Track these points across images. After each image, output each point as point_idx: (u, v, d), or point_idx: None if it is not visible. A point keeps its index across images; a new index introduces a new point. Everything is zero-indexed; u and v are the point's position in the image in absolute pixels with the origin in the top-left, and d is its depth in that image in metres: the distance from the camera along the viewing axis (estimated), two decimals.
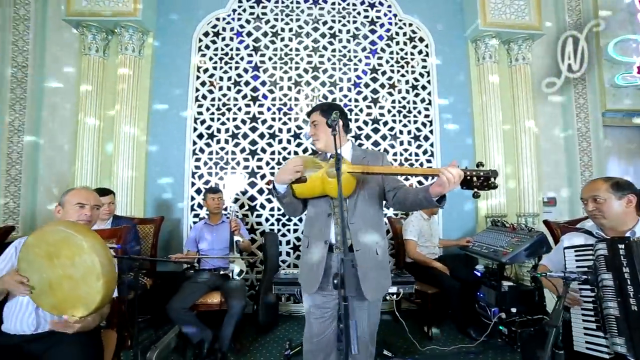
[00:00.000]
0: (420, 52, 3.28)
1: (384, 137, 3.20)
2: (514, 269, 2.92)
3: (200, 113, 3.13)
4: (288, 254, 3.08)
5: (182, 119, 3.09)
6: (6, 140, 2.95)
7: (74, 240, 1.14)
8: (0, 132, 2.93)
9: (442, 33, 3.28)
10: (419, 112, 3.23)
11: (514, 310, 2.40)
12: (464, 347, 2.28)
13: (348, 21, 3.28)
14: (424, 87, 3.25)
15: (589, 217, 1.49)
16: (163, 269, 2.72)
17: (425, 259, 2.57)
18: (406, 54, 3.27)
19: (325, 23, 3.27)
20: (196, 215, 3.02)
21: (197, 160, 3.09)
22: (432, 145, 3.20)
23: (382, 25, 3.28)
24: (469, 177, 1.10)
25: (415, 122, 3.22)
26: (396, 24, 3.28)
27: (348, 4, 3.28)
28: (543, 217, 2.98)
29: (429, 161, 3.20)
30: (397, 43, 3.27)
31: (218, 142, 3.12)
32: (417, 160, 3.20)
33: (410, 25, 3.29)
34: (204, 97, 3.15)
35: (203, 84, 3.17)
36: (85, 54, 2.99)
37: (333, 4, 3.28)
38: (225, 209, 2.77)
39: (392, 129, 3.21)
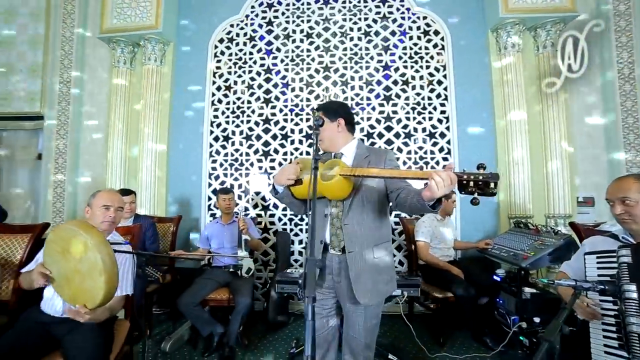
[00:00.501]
0: (435, 46, 3.14)
1: (397, 135, 3.11)
2: (541, 275, 2.69)
3: (216, 117, 3.27)
4: (300, 253, 3.11)
5: (200, 122, 3.26)
6: (53, 148, 3.31)
7: (80, 238, 1.25)
8: (47, 140, 3.30)
9: (459, 24, 3.12)
10: (435, 109, 3.10)
11: (537, 320, 2.21)
12: (478, 356, 2.15)
13: (359, 19, 3.23)
14: (439, 82, 3.11)
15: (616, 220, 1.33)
16: (181, 265, 2.88)
17: (438, 261, 2.46)
18: (420, 48, 3.15)
19: (335, 22, 3.25)
20: (213, 215, 3.16)
21: (214, 162, 3.23)
22: (449, 142, 3.05)
23: (394, 21, 3.19)
24: (465, 182, 0.97)
25: (431, 118, 3.09)
26: (409, 18, 3.18)
27: (359, 1, 3.24)
28: (579, 219, 2.71)
29: (445, 159, 3.05)
30: (411, 38, 3.16)
31: (233, 144, 3.24)
32: (432, 159, 3.07)
33: (425, 18, 3.16)
34: (220, 101, 3.29)
35: (219, 88, 3.31)
36: (115, 66, 3.27)
37: (344, 2, 3.26)
38: (245, 210, 2.87)
39: (405, 126, 3.11)
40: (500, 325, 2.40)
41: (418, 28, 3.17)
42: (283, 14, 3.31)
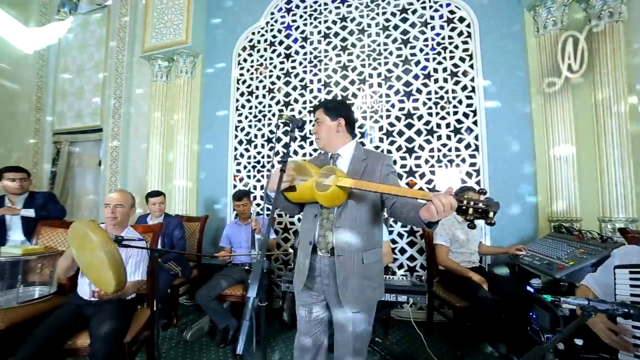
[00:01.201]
0: (460, 34, 2.90)
1: (418, 132, 2.94)
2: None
3: (240, 121, 3.45)
4: None
5: (226, 127, 3.47)
6: (109, 155, 3.83)
7: (89, 238, 1.40)
8: (105, 148, 3.83)
9: (489, 7, 2.82)
10: (460, 102, 2.86)
11: (578, 342, 1.90)
12: None
13: (377, 14, 3.13)
14: (465, 74, 2.86)
15: None
16: (208, 262, 3.09)
17: (458, 267, 2.27)
18: (443, 38, 2.93)
19: (353, 20, 3.20)
20: (237, 215, 3.34)
21: (238, 164, 3.42)
22: (476, 138, 2.79)
23: (414, 12, 3.02)
24: (464, 208, 0.97)
25: (455, 113, 2.86)
26: (431, 7, 2.98)
27: None
28: None
29: (472, 156, 2.80)
30: (433, 28, 2.96)
31: (255, 146, 3.39)
32: (457, 156, 2.84)
33: (448, 5, 2.94)
34: (243, 106, 3.47)
35: (242, 94, 3.49)
36: (154, 81, 3.65)
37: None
38: (261, 211, 2.99)
39: (427, 122, 2.92)
40: (533, 343, 2.12)
41: (441, 17, 2.95)
42: (301, 16, 3.36)
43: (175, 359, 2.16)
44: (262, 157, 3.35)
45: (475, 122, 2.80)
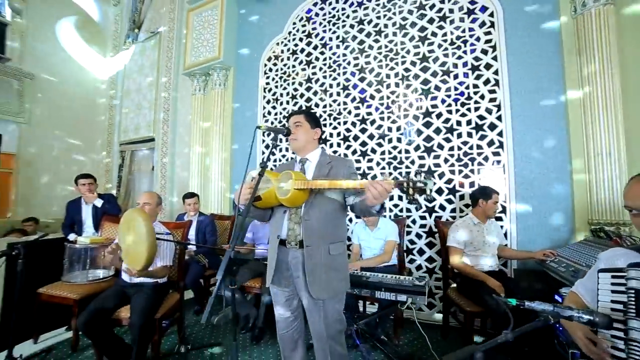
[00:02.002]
0: (482, 25, 2.74)
1: (437, 131, 2.85)
2: None
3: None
4: None
5: (253, 133, 3.75)
6: (160, 161, 4.41)
7: (136, 218, 1.79)
8: (157, 156, 4.43)
9: None
10: (482, 97, 2.70)
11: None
12: None
13: (394, 13, 3.11)
14: (487, 66, 2.70)
15: None
16: (237, 256, 3.39)
17: (471, 270, 2.17)
18: (463, 31, 2.80)
19: (370, 22, 3.23)
20: None
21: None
22: (500, 134, 2.61)
23: (432, 7, 2.94)
24: (405, 188, 1.07)
25: (477, 109, 2.71)
26: (449, 0, 2.87)
27: None
28: None
29: (496, 154, 2.63)
30: (452, 22, 2.85)
31: (280, 150, 3.60)
32: (480, 154, 2.69)
33: None
34: (269, 112, 3.72)
35: (268, 101, 3.74)
36: (193, 94, 4.11)
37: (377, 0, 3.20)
38: None
39: (447, 120, 2.82)
40: (561, 358, 1.94)
41: (460, 9, 2.83)
42: (320, 24, 3.49)
43: (202, 338, 2.47)
44: (287, 159, 3.55)
45: (499, 118, 2.63)
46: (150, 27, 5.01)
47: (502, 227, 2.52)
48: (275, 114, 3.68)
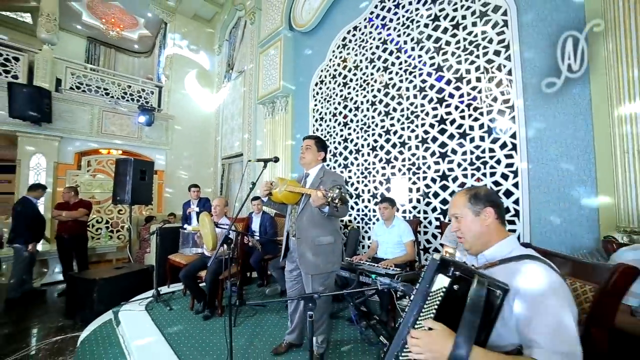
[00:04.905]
0: (495, 25, 2.72)
1: (451, 137, 2.97)
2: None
3: None
4: (364, 246, 3.64)
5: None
6: (246, 172, 5.77)
7: (205, 220, 2.81)
8: (243, 168, 5.82)
9: None
10: (495, 100, 2.69)
11: None
12: None
13: (412, 29, 3.35)
14: (500, 67, 2.67)
15: None
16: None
17: None
18: (475, 36, 2.83)
19: (392, 41, 3.54)
20: None
21: None
22: (513, 136, 2.56)
23: (445, 17, 3.06)
24: (329, 199, 1.62)
25: (490, 112, 2.72)
26: (462, 6, 2.93)
27: (410, 12, 3.36)
28: None
29: (509, 156, 2.59)
30: (465, 28, 2.91)
31: (324, 160, 4.27)
32: (492, 157, 2.69)
33: None
34: (317, 129, 4.45)
35: (316, 120, 4.48)
36: (265, 118, 5.24)
37: (398, 20, 3.49)
38: None
39: (460, 126, 2.91)
40: None
41: (473, 14, 2.86)
42: (353, 49, 4.00)
43: (255, 300, 3.40)
44: (328, 167, 4.20)
45: (512, 119, 2.59)
46: (238, 68, 6.52)
47: (515, 230, 2.50)
48: (321, 131, 4.38)
